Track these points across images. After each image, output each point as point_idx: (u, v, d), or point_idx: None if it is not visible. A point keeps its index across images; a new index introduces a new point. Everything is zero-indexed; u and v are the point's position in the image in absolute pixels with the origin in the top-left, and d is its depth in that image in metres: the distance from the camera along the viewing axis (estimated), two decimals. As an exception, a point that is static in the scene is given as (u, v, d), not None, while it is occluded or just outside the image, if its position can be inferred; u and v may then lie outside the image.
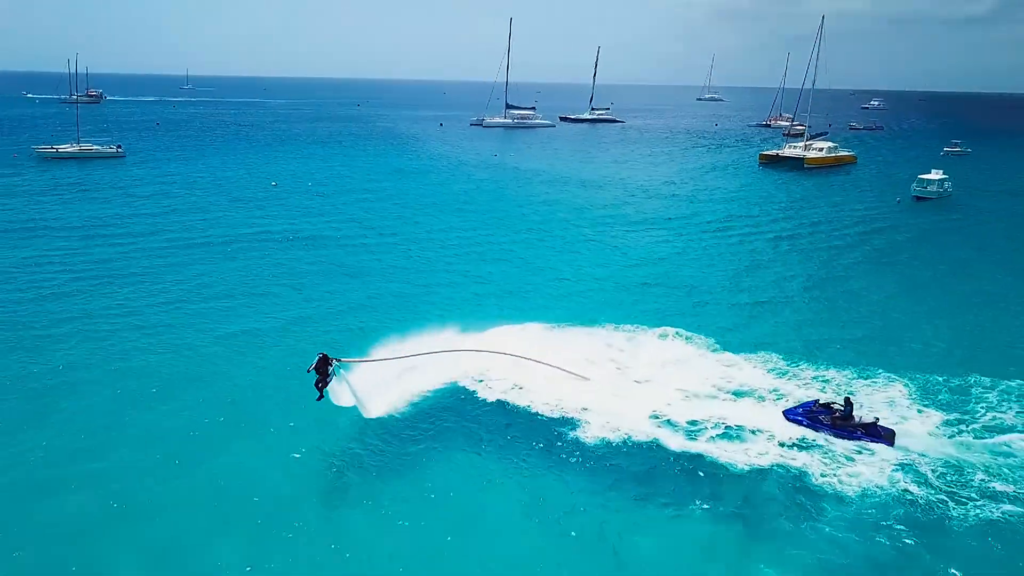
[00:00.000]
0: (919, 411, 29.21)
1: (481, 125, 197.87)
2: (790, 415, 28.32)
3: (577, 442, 27.16)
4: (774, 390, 30.96)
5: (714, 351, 35.78)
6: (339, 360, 26.53)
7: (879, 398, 30.52)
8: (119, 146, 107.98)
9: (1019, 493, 23.75)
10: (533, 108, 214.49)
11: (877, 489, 23.99)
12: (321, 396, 26.33)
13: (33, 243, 55.27)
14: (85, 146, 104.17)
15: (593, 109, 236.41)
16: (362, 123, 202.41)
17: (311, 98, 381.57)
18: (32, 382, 31.51)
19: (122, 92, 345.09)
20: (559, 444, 27.17)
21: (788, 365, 34.04)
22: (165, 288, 45.19)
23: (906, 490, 23.86)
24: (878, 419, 27.40)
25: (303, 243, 58.35)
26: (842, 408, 27.45)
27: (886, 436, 26.69)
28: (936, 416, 28.81)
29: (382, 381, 28.53)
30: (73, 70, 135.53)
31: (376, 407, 27.87)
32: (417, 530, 22.40)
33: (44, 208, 68.18)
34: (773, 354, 35.20)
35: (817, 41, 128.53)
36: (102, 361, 33.96)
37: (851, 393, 30.91)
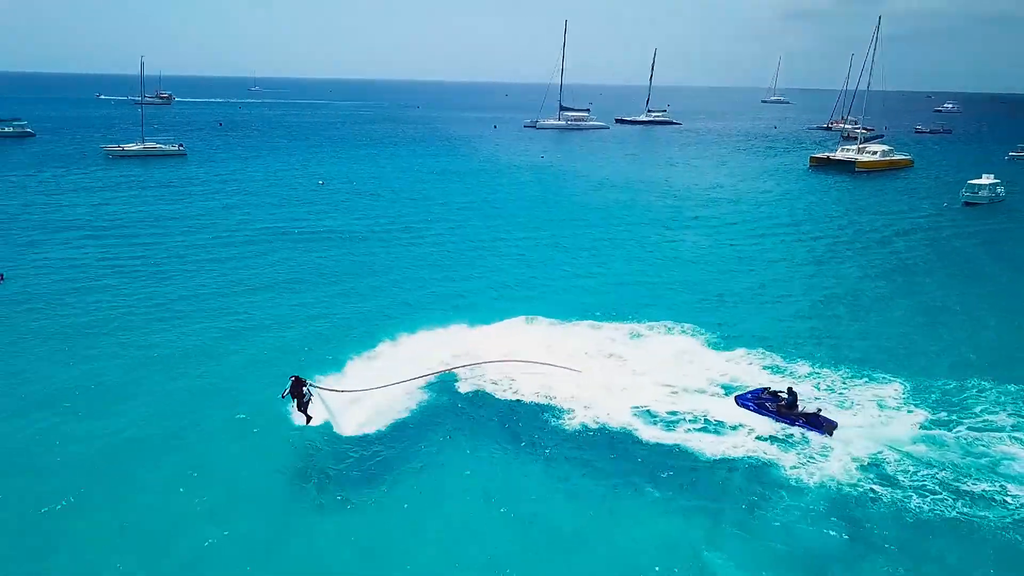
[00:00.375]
0: (909, 411, 29.35)
1: (535, 127, 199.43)
2: (740, 400, 29.38)
3: (555, 431, 28.11)
4: (765, 388, 31.38)
5: (717, 348, 36.38)
6: (313, 385, 26.88)
7: (868, 395, 30.82)
8: (181, 145, 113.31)
9: (984, 492, 23.96)
10: (587, 110, 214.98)
11: (841, 484, 24.48)
12: (308, 419, 26.78)
13: (89, 237, 59.11)
14: (149, 145, 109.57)
15: (649, 111, 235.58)
16: (418, 124, 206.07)
17: (373, 100, 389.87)
18: (65, 365, 33.97)
19: (192, 94, 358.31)
20: (537, 434, 28.05)
21: (787, 362, 34.52)
22: (204, 281, 47.72)
23: (870, 488, 24.25)
24: (820, 410, 28.34)
25: (339, 240, 60.61)
26: (786, 397, 28.50)
27: (826, 427, 27.52)
28: (922, 415, 28.96)
29: (357, 393, 28.64)
30: (144, 73, 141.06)
31: (349, 424, 27.57)
32: (392, 510, 23.42)
33: (103, 204, 72.46)
34: (774, 352, 35.68)
35: (873, 43, 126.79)
36: (132, 346, 36.21)
37: (846, 388, 31.58)
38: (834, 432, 27.28)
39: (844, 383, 32.18)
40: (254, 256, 54.56)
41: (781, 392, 28.93)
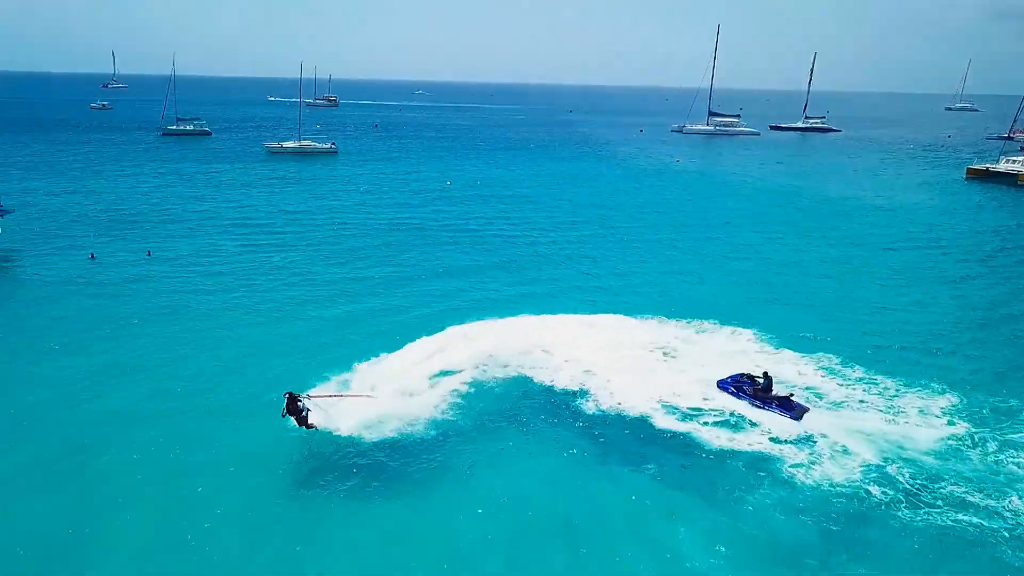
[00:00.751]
0: (949, 423, 28.71)
1: (682, 132, 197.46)
2: (721, 384, 30.54)
3: (571, 417, 29.30)
4: (810, 387, 31.46)
5: (776, 349, 36.47)
6: (308, 396, 27.21)
7: (915, 403, 30.33)
8: (333, 143, 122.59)
9: (988, 505, 23.52)
10: (738, 115, 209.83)
11: (840, 485, 24.68)
12: (312, 427, 26.77)
13: (235, 225, 67.03)
14: (305, 143, 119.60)
15: (807, 118, 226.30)
16: (566, 128, 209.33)
17: (529, 104, 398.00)
18: (170, 339, 39.02)
19: (361, 96, 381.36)
20: (551, 419, 29.15)
21: (842, 366, 34.24)
22: (314, 269, 52.66)
23: (867, 489, 24.39)
24: (792, 394, 29.37)
25: (448, 236, 64.06)
26: (762, 381, 29.61)
27: (797, 410, 28.50)
28: (962, 427, 28.30)
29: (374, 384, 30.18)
30: (316, 77, 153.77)
31: (345, 426, 27.40)
32: (390, 505, 24.10)
33: (255, 196, 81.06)
34: (834, 356, 35.43)
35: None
36: (237, 325, 41.16)
37: (896, 396, 31.23)
38: (803, 416, 28.28)
39: (896, 391, 31.65)
40: (366, 248, 59.14)
41: (758, 377, 29.98)
